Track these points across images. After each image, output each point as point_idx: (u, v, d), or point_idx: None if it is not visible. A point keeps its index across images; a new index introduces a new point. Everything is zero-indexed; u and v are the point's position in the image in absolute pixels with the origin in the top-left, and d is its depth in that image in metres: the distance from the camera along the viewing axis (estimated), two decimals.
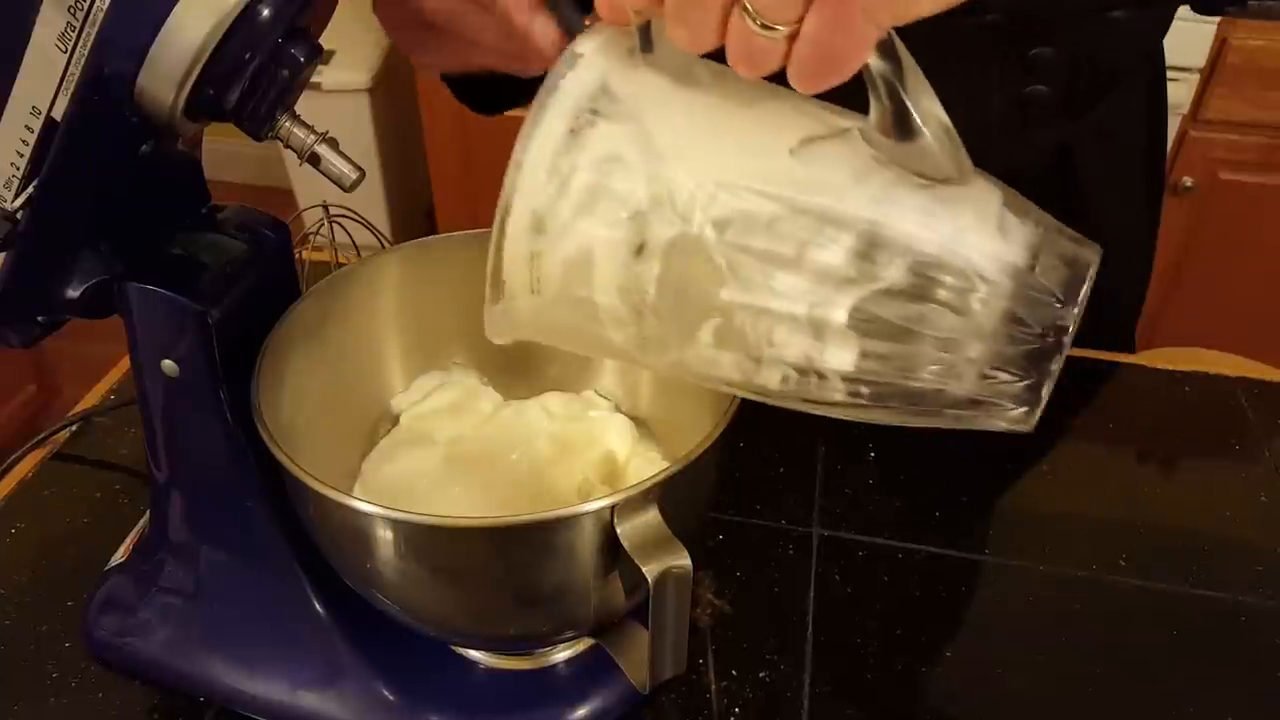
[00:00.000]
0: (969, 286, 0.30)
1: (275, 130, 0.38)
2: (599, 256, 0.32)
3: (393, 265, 0.51)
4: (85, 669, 0.50)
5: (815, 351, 0.31)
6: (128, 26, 0.32)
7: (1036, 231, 0.31)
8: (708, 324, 0.32)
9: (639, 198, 0.31)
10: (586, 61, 0.32)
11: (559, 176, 0.31)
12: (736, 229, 0.30)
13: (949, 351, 0.31)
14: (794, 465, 0.62)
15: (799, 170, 0.31)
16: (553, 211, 0.31)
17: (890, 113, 0.29)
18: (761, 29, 0.27)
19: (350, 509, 0.37)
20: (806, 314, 0.31)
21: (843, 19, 0.27)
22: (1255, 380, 0.70)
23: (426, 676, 0.48)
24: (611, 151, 0.31)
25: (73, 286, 0.41)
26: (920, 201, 0.30)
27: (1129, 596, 0.55)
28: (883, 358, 0.31)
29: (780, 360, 0.32)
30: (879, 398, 0.32)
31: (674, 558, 0.36)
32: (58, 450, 0.64)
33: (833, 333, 0.31)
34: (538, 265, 0.32)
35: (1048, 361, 0.30)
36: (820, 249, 0.30)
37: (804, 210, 0.30)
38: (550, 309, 0.34)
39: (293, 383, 0.45)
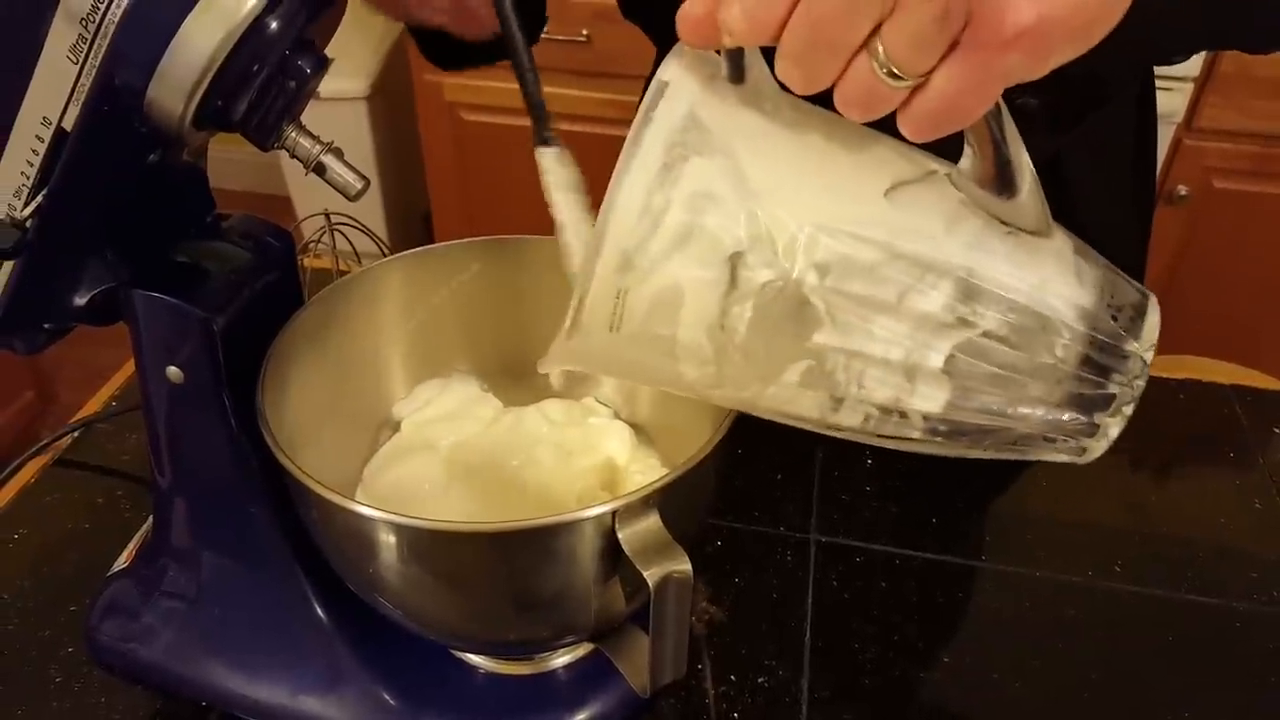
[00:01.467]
0: (1053, 333, 0.31)
1: (281, 140, 0.38)
2: (689, 295, 0.31)
3: (394, 273, 0.52)
4: (88, 674, 0.51)
5: (906, 394, 0.32)
6: (138, 39, 0.33)
7: (1105, 277, 0.32)
8: (796, 366, 0.32)
9: (737, 237, 0.30)
10: (674, 90, 0.30)
11: (651, 215, 0.30)
12: (837, 273, 0.30)
13: (1029, 392, 0.31)
14: (792, 472, 0.62)
15: (894, 215, 0.30)
16: (643, 249, 0.30)
17: (993, 166, 0.30)
18: (889, 77, 0.26)
19: (353, 514, 0.38)
20: (903, 359, 0.31)
21: (979, 78, 0.26)
22: (1249, 388, 0.71)
23: (427, 681, 0.48)
24: (705, 188, 0.30)
25: (79, 294, 0.41)
26: (1009, 250, 0.31)
27: (1124, 602, 0.55)
28: (967, 399, 0.32)
29: (867, 401, 0.32)
30: (952, 434, 0.33)
31: (675, 562, 0.37)
32: (60, 456, 0.64)
33: (926, 376, 0.31)
34: (623, 302, 0.31)
35: (1117, 402, 0.32)
36: (921, 295, 0.30)
37: (903, 255, 0.30)
38: (626, 345, 0.33)
39: (296, 389, 0.45)
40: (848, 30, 0.26)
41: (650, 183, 0.30)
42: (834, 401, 0.32)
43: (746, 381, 0.33)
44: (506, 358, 0.56)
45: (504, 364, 0.56)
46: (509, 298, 0.54)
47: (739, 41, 0.28)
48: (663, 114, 0.30)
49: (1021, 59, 0.26)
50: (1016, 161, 0.30)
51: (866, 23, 0.26)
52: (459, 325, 0.55)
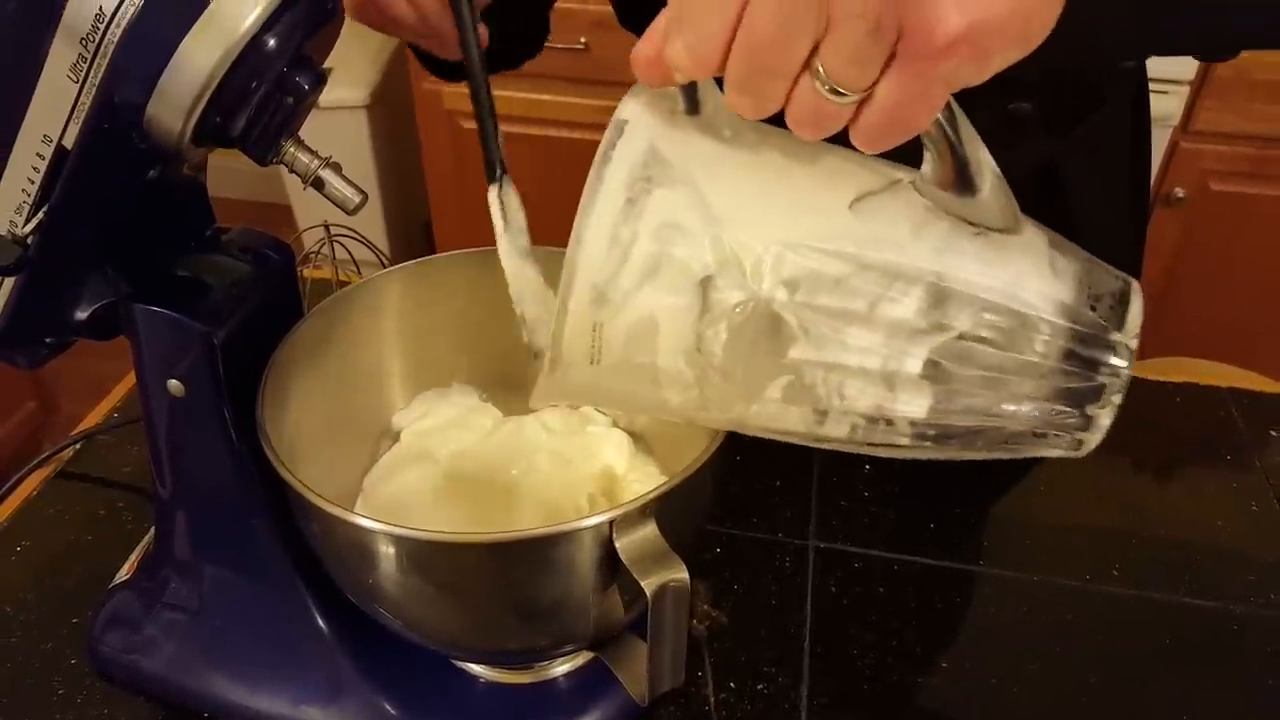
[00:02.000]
0: (1031, 329, 0.31)
1: (280, 156, 0.39)
2: (663, 323, 0.32)
3: (394, 285, 0.52)
4: (90, 685, 0.51)
5: (888, 401, 0.32)
6: (138, 57, 0.33)
7: (1082, 268, 0.32)
8: (776, 382, 0.32)
9: (704, 263, 0.31)
10: (633, 128, 0.31)
11: (620, 247, 0.31)
12: (806, 289, 0.31)
13: (1012, 391, 0.31)
14: (790, 479, 0.63)
15: (859, 226, 0.31)
16: (614, 283, 0.31)
17: (951, 168, 0.30)
18: (832, 94, 0.27)
19: (353, 525, 0.38)
20: (880, 367, 0.31)
21: (920, 88, 0.26)
22: (1246, 391, 0.71)
23: (428, 690, 0.49)
24: (670, 219, 0.31)
25: (81, 308, 0.42)
26: (977, 250, 0.31)
27: (1122, 606, 0.55)
28: (951, 401, 0.32)
29: (851, 411, 0.32)
30: (941, 438, 0.33)
31: (672, 571, 0.37)
32: (61, 468, 0.65)
33: (906, 383, 0.31)
34: (599, 335, 0.32)
35: (1105, 393, 0.32)
36: (892, 303, 0.31)
37: (871, 266, 0.31)
38: (608, 377, 0.33)
39: (296, 401, 0.46)
40: (785, 55, 0.26)
41: (616, 217, 0.31)
42: (818, 415, 0.33)
43: (730, 402, 0.33)
44: (505, 367, 0.56)
45: (503, 373, 0.56)
46: (508, 308, 0.54)
47: (687, 76, 0.28)
48: (622, 151, 0.31)
49: (959, 64, 0.26)
50: (975, 161, 0.30)
51: (802, 45, 0.26)
52: (458, 335, 0.55)
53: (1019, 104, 0.61)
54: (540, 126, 1.67)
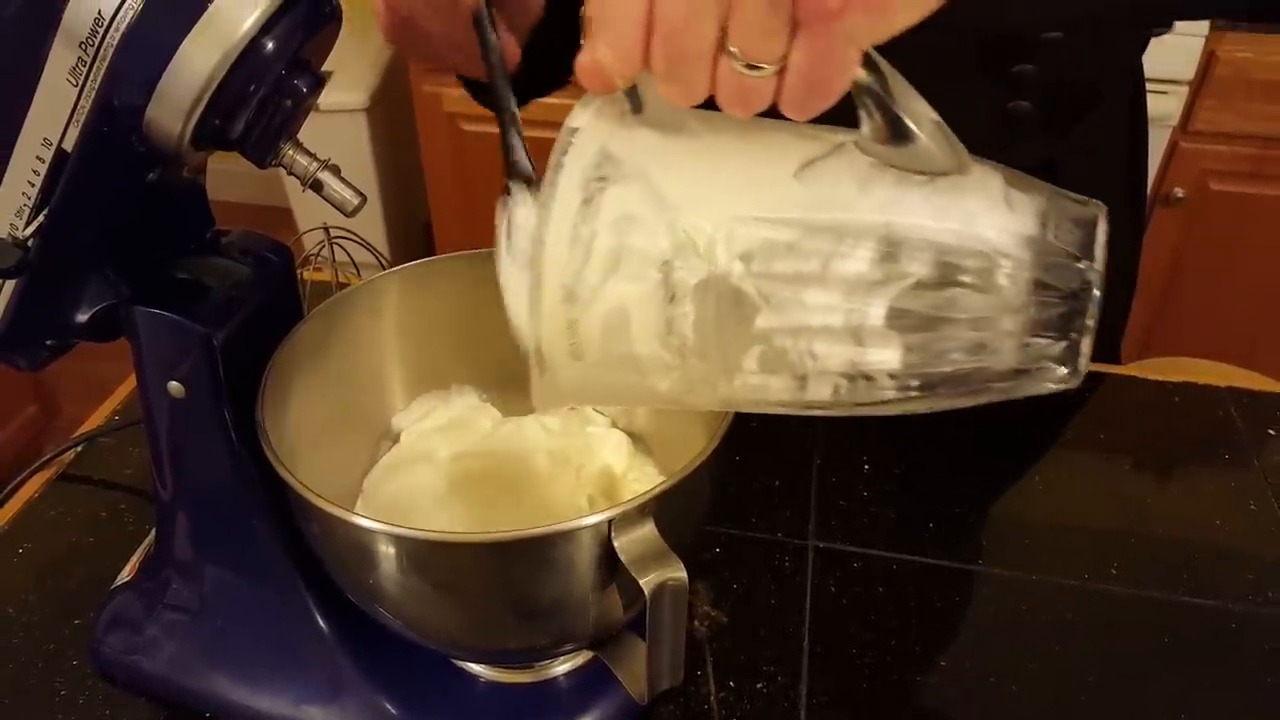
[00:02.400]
0: (992, 265, 0.31)
1: (279, 158, 0.39)
2: (633, 312, 0.33)
3: (393, 286, 0.52)
4: (92, 686, 0.51)
5: (859, 356, 0.33)
6: (137, 61, 0.33)
7: (1042, 200, 0.32)
8: (750, 353, 0.33)
9: (661, 249, 0.32)
10: (583, 134, 0.33)
11: (581, 245, 0.32)
12: (760, 258, 0.31)
13: (986, 330, 0.32)
14: (789, 479, 0.63)
15: (805, 192, 0.32)
16: (580, 280, 0.32)
17: (883, 122, 0.31)
18: (749, 70, 0.28)
19: (353, 525, 0.38)
20: (844, 323, 0.32)
21: (827, 48, 0.28)
22: (1244, 390, 0.71)
23: (428, 690, 0.49)
24: (626, 212, 0.32)
25: (81, 311, 0.42)
26: (926, 195, 0.32)
27: (1121, 605, 0.55)
28: (925, 349, 0.32)
29: (826, 372, 0.33)
30: (927, 387, 0.33)
31: (670, 570, 0.37)
32: (63, 471, 0.65)
33: (873, 335, 0.32)
34: (575, 332, 0.33)
35: (1081, 318, 0.32)
36: (843, 260, 0.31)
37: (818, 227, 0.31)
38: (594, 372, 0.34)
39: (296, 402, 0.46)
40: (697, 38, 0.28)
41: (574, 218, 0.32)
42: (799, 380, 0.33)
43: (714, 380, 0.34)
44: (505, 368, 0.56)
45: (502, 374, 0.56)
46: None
47: (619, 74, 0.30)
48: (574, 156, 0.32)
49: (861, 20, 0.27)
50: (908, 110, 0.31)
51: (710, 27, 0.27)
52: (457, 336, 0.55)
53: (1018, 102, 0.61)
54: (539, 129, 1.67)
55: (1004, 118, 0.62)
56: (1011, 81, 0.60)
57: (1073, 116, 0.65)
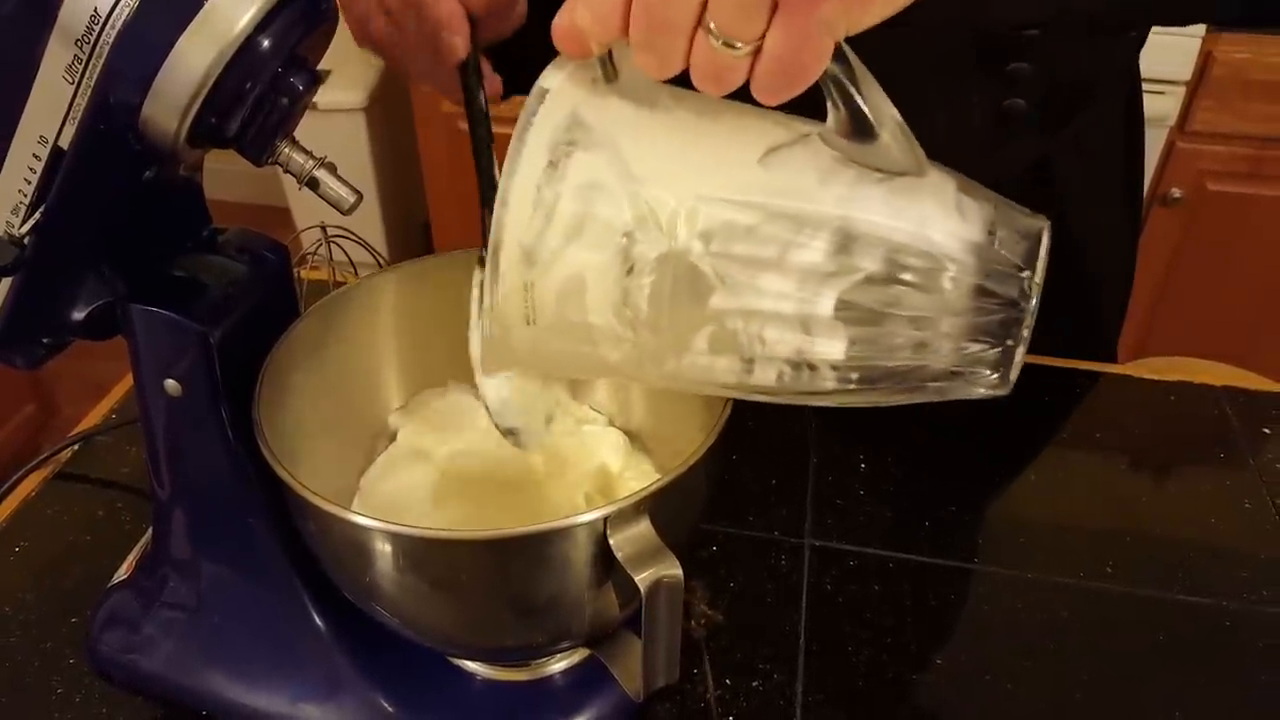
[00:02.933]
0: (939, 267, 0.32)
1: (275, 156, 0.39)
2: (590, 280, 0.33)
3: (390, 284, 0.52)
4: (89, 685, 0.51)
5: (806, 345, 0.33)
6: (133, 58, 0.33)
7: (991, 209, 0.33)
8: (701, 332, 0.33)
9: (624, 220, 0.32)
10: (555, 95, 0.33)
11: (544, 208, 0.32)
12: (720, 239, 0.32)
13: (926, 329, 0.33)
14: (785, 477, 0.63)
15: (768, 177, 0.32)
16: (541, 242, 0.32)
17: (847, 116, 0.31)
18: (725, 47, 0.28)
19: (349, 523, 0.38)
20: (794, 311, 0.32)
21: (803, 33, 0.28)
22: (1239, 389, 0.71)
23: (425, 688, 0.49)
24: (591, 179, 0.32)
25: (77, 309, 0.42)
26: (883, 194, 0.32)
27: (1116, 603, 0.56)
28: (869, 343, 0.33)
29: (773, 358, 0.34)
30: (866, 380, 0.34)
31: (666, 567, 0.37)
32: (60, 469, 0.65)
33: (820, 325, 0.33)
34: (531, 295, 0.33)
35: (1018, 326, 0.33)
36: (800, 249, 0.32)
37: (779, 214, 0.32)
38: (546, 337, 0.35)
39: (292, 401, 0.46)
40: (677, 10, 0.28)
41: (539, 179, 0.32)
42: (745, 364, 0.34)
43: (663, 355, 0.35)
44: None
45: None
46: None
47: (596, 39, 0.30)
48: (544, 116, 0.32)
49: (837, 9, 0.27)
50: (873, 107, 0.31)
51: (690, 0, 0.28)
52: (454, 335, 0.55)
53: (1013, 100, 0.62)
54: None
55: (999, 116, 0.62)
56: (1007, 79, 0.60)
57: (1068, 115, 0.65)
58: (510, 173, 0.32)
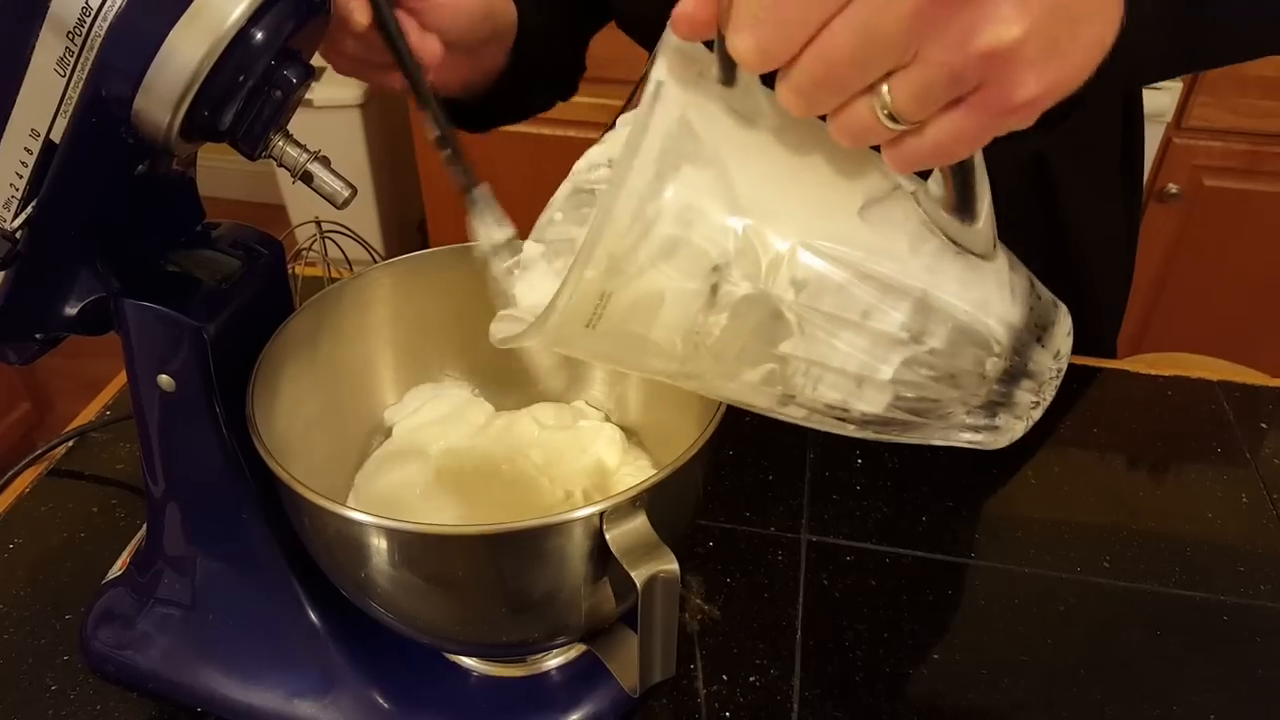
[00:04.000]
0: (987, 349, 0.33)
1: (269, 150, 0.39)
2: (669, 302, 0.32)
3: (384, 280, 0.52)
4: (84, 681, 0.51)
5: (853, 398, 0.34)
6: (125, 51, 0.33)
7: (1031, 290, 0.35)
8: (760, 368, 0.34)
9: (722, 250, 0.31)
10: (666, 92, 0.31)
11: (643, 223, 0.31)
12: (810, 291, 0.32)
13: (958, 398, 0.34)
14: (783, 472, 0.63)
15: (867, 234, 0.32)
16: (631, 256, 0.31)
17: (955, 195, 0.32)
18: (888, 120, 0.27)
19: (344, 518, 0.38)
20: (857, 369, 0.33)
21: (975, 131, 0.27)
22: (1236, 384, 0.71)
23: (421, 684, 0.49)
24: (694, 202, 0.31)
25: (70, 304, 0.42)
26: (959, 271, 0.33)
27: (1113, 598, 0.56)
28: (904, 403, 0.34)
29: (816, 401, 0.34)
30: (880, 425, 0.35)
31: (661, 562, 0.37)
32: (54, 466, 0.65)
33: (874, 385, 0.33)
34: (604, 304, 0.32)
35: (1031, 410, 0.36)
36: (881, 315, 0.32)
37: (870, 276, 0.32)
38: (597, 339, 0.34)
39: (287, 396, 0.46)
40: (859, 75, 0.27)
41: (644, 191, 0.31)
42: (784, 398, 0.34)
43: (710, 378, 0.35)
44: (497, 362, 0.56)
45: (495, 368, 0.56)
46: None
47: (746, 68, 0.28)
48: (657, 121, 0.31)
49: (1019, 120, 0.27)
50: (979, 192, 0.31)
51: (878, 71, 0.26)
52: (449, 330, 0.55)
53: None
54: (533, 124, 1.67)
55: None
56: None
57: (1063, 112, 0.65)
58: (619, 182, 0.30)
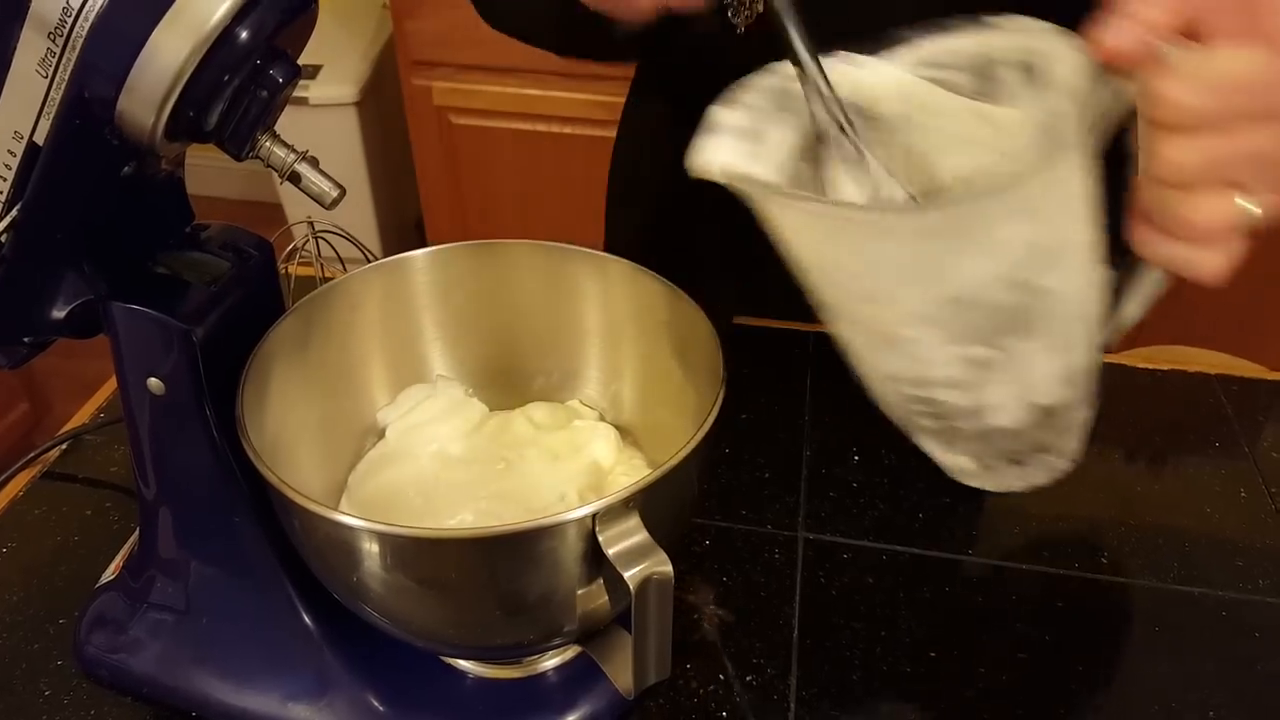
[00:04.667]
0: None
1: (256, 150, 0.38)
2: (982, 262, 0.36)
3: (376, 280, 0.52)
4: (77, 686, 0.51)
5: (999, 414, 0.41)
6: (107, 51, 0.33)
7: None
8: (979, 348, 0.38)
9: (1042, 252, 0.37)
10: (1074, 111, 0.35)
11: (1028, 209, 0.35)
12: (1060, 313, 0.39)
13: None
14: (779, 470, 0.63)
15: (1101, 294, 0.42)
16: (997, 223, 0.35)
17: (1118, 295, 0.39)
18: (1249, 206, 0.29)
19: (334, 523, 0.38)
20: (1033, 391, 0.41)
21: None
22: (1234, 377, 0.71)
23: (416, 687, 0.49)
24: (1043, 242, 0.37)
25: (58, 307, 0.41)
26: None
27: (1111, 593, 0.55)
28: (1029, 439, 0.45)
29: (977, 402, 0.41)
30: (949, 434, 0.45)
31: (655, 564, 0.37)
32: (48, 469, 0.64)
33: (1027, 406, 0.42)
34: (930, 227, 0.36)
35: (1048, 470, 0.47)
36: (1079, 356, 0.43)
37: (1089, 322, 0.42)
38: (888, 253, 0.37)
39: (278, 398, 0.46)
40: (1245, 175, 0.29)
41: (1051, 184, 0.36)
42: (950, 381, 0.40)
43: (931, 341, 0.39)
44: (491, 362, 0.56)
45: (489, 368, 0.56)
46: (492, 302, 0.54)
47: (1164, 124, 0.31)
48: (1076, 137, 0.35)
49: None
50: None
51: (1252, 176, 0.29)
52: (442, 330, 0.55)
53: None
54: (530, 122, 1.67)
55: None
56: None
57: None
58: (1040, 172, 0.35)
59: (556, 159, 1.67)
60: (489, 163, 1.76)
